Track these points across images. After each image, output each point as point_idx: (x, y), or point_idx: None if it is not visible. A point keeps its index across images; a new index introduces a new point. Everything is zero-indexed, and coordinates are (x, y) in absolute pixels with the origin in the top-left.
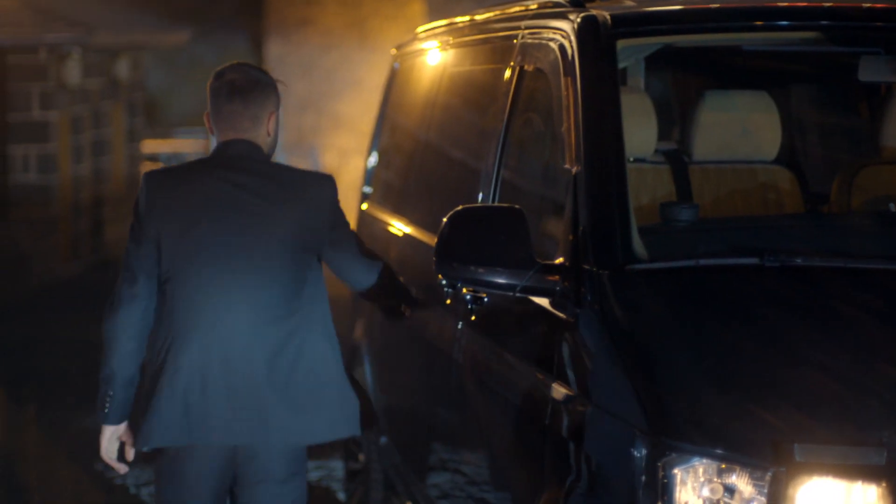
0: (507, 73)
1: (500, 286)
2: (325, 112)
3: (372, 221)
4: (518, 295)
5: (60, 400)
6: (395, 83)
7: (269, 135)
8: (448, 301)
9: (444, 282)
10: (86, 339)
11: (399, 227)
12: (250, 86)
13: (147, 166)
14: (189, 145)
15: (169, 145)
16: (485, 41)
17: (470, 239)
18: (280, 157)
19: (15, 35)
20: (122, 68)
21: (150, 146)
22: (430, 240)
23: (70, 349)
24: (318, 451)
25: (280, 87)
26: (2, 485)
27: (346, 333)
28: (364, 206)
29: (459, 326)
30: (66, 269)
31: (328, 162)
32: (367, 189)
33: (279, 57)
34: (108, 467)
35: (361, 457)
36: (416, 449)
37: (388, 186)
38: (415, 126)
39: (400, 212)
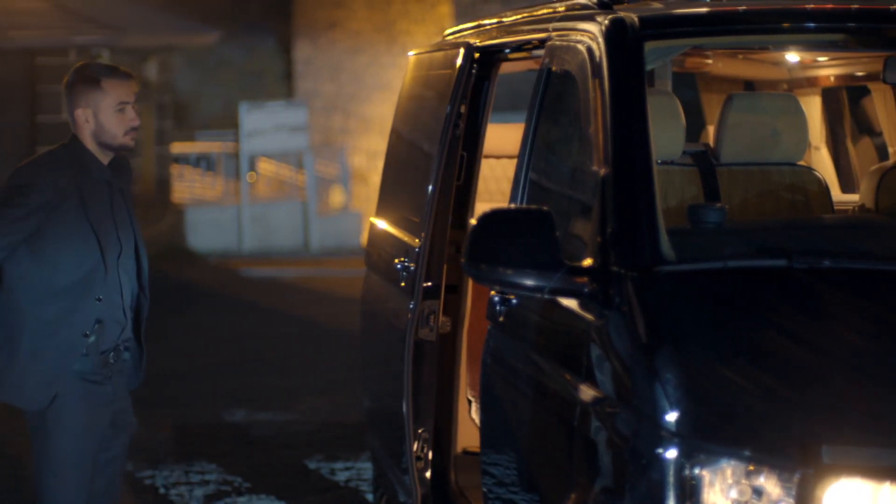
0: (535, 76)
1: (528, 288)
2: (353, 114)
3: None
4: (546, 297)
5: None
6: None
7: (81, 128)
8: (402, 284)
9: (398, 265)
10: None
11: (385, 225)
12: (64, 87)
13: (176, 168)
14: (217, 146)
15: (198, 146)
16: (513, 43)
17: (498, 241)
18: (308, 158)
19: (45, 37)
20: (152, 70)
21: (179, 147)
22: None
23: None
24: (347, 453)
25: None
26: (31, 486)
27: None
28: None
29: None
30: None
31: (356, 163)
32: None
33: (307, 59)
34: (136, 468)
35: None
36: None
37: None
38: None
39: (395, 212)
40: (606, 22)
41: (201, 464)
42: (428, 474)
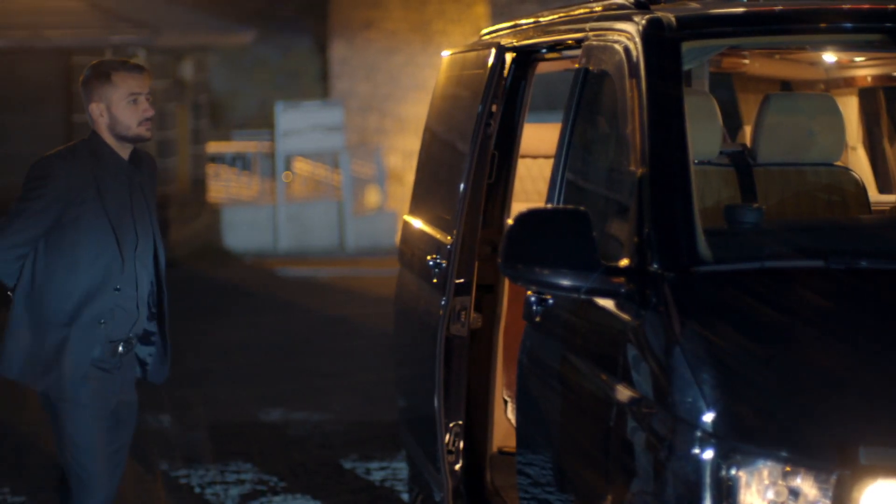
0: (572, 75)
1: (564, 288)
2: (388, 114)
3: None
4: (583, 297)
5: None
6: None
7: (97, 123)
8: (434, 280)
9: (430, 263)
10: None
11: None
12: (80, 85)
13: (212, 168)
14: (253, 146)
15: (233, 146)
16: (550, 43)
17: (535, 241)
18: (344, 158)
19: (81, 36)
20: (187, 69)
21: (215, 147)
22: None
23: None
24: (382, 453)
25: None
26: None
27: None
28: None
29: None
30: None
31: (392, 163)
32: None
33: (343, 59)
34: (172, 467)
35: None
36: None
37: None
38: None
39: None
40: (643, 22)
41: (237, 463)
42: (458, 467)
